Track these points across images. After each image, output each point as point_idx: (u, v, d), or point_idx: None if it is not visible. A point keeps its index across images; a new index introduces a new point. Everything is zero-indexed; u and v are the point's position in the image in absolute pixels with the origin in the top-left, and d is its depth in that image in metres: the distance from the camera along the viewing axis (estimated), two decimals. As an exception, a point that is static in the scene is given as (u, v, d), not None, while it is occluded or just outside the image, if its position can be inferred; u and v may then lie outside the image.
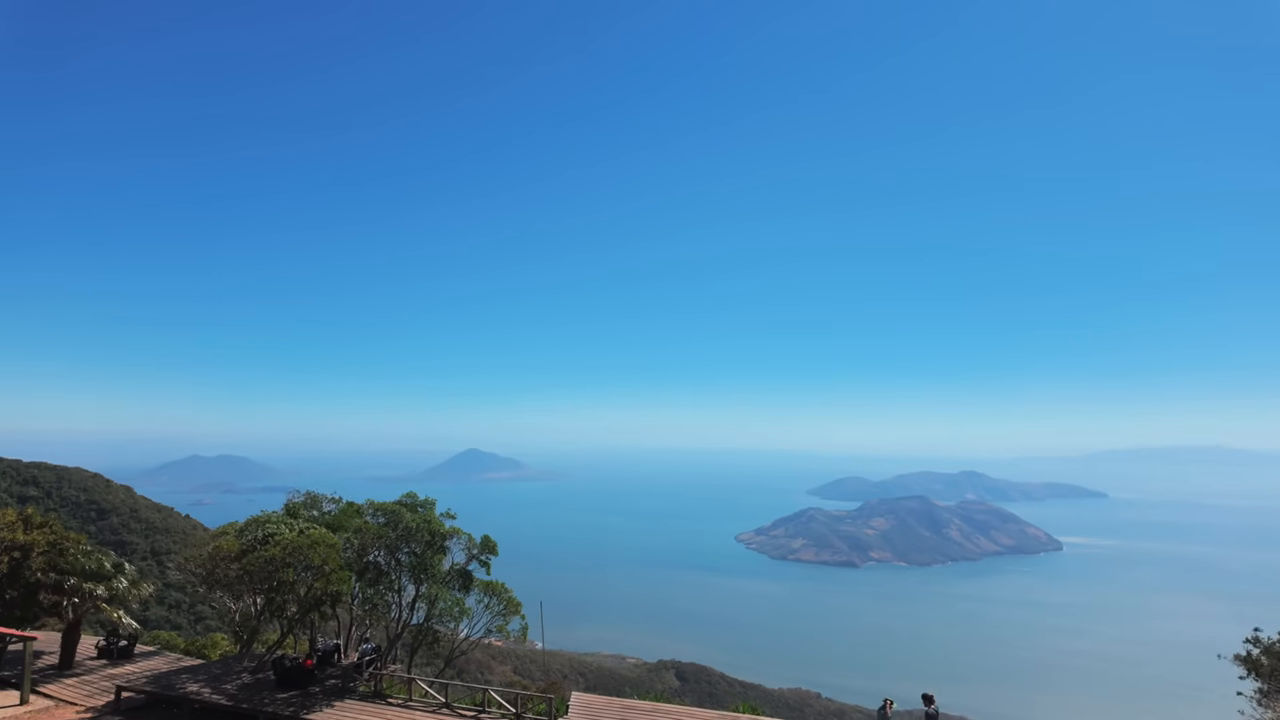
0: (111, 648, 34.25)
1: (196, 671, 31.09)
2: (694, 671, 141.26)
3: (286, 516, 31.39)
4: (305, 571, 28.70)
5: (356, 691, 28.14)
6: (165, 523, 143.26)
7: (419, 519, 32.40)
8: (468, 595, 32.75)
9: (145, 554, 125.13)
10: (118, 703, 28.19)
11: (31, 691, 28.83)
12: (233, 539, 30.34)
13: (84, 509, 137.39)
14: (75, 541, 34.94)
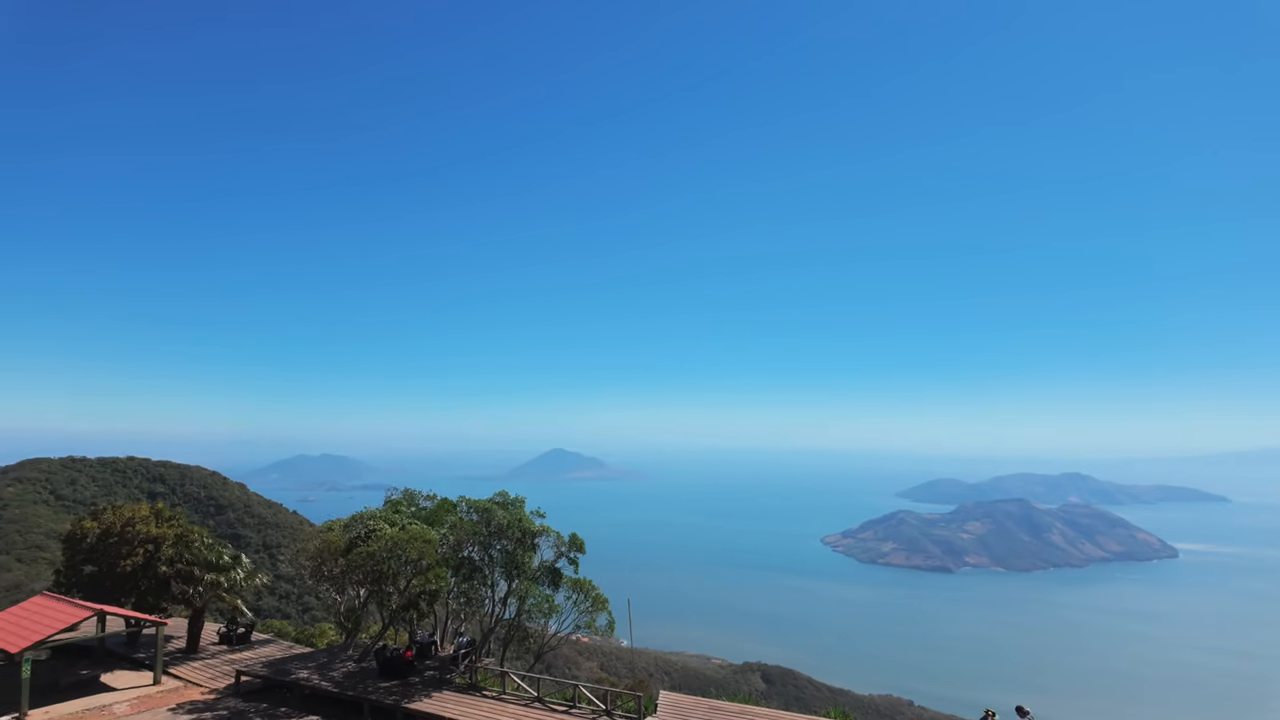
0: (231, 634, 36.80)
1: (306, 659, 33.02)
2: (780, 674, 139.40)
3: (388, 513, 32.91)
4: (405, 566, 30.04)
5: (453, 683, 29.20)
6: (275, 518, 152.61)
7: (510, 516, 33.34)
8: (557, 592, 33.44)
9: (258, 547, 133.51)
10: (237, 686, 30.28)
11: (163, 673, 31.35)
12: (339, 534, 32.06)
13: (204, 504, 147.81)
14: (199, 535, 37.69)
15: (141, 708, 27.44)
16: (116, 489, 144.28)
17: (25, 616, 29.49)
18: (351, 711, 27.22)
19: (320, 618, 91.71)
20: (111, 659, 34.37)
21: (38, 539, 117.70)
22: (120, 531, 36.41)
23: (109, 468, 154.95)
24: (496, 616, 34.01)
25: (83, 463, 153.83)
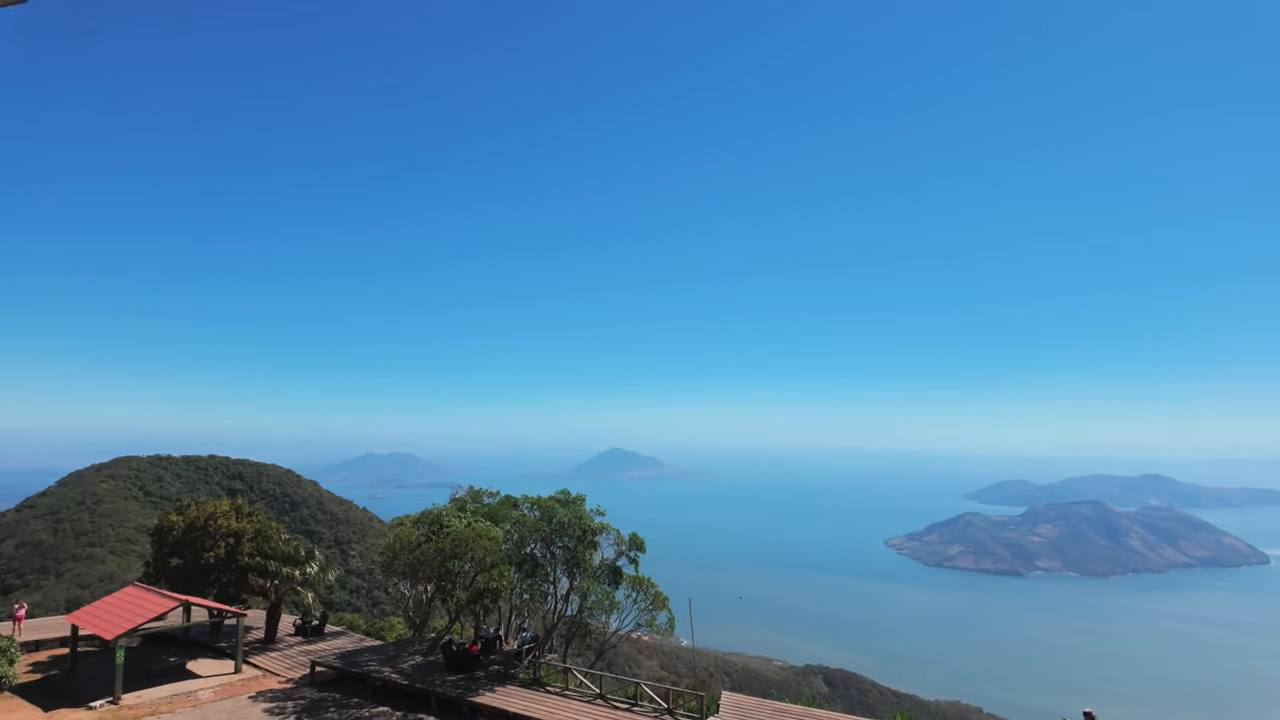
0: (305, 626, 38.21)
1: (376, 651, 34.05)
2: (843, 678, 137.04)
3: (454, 510, 33.68)
4: (470, 562, 30.69)
5: (517, 678, 29.67)
6: (346, 514, 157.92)
7: (571, 514, 33.69)
8: (617, 589, 33.62)
9: (330, 542, 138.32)
10: (312, 676, 31.42)
11: (243, 662, 32.78)
12: (408, 530, 32.97)
13: (279, 501, 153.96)
14: (276, 530, 39.27)
15: (224, 695, 28.75)
16: (199, 485, 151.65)
17: (118, 606, 31.26)
18: (420, 703, 27.93)
19: (389, 611, 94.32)
20: (196, 647, 36.14)
21: (128, 532, 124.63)
22: (203, 526, 38.20)
23: (192, 465, 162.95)
24: (558, 613, 34.41)
25: (168, 460, 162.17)
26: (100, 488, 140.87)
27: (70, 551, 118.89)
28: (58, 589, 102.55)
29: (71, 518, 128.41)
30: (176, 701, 27.75)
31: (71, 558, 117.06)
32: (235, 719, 25.88)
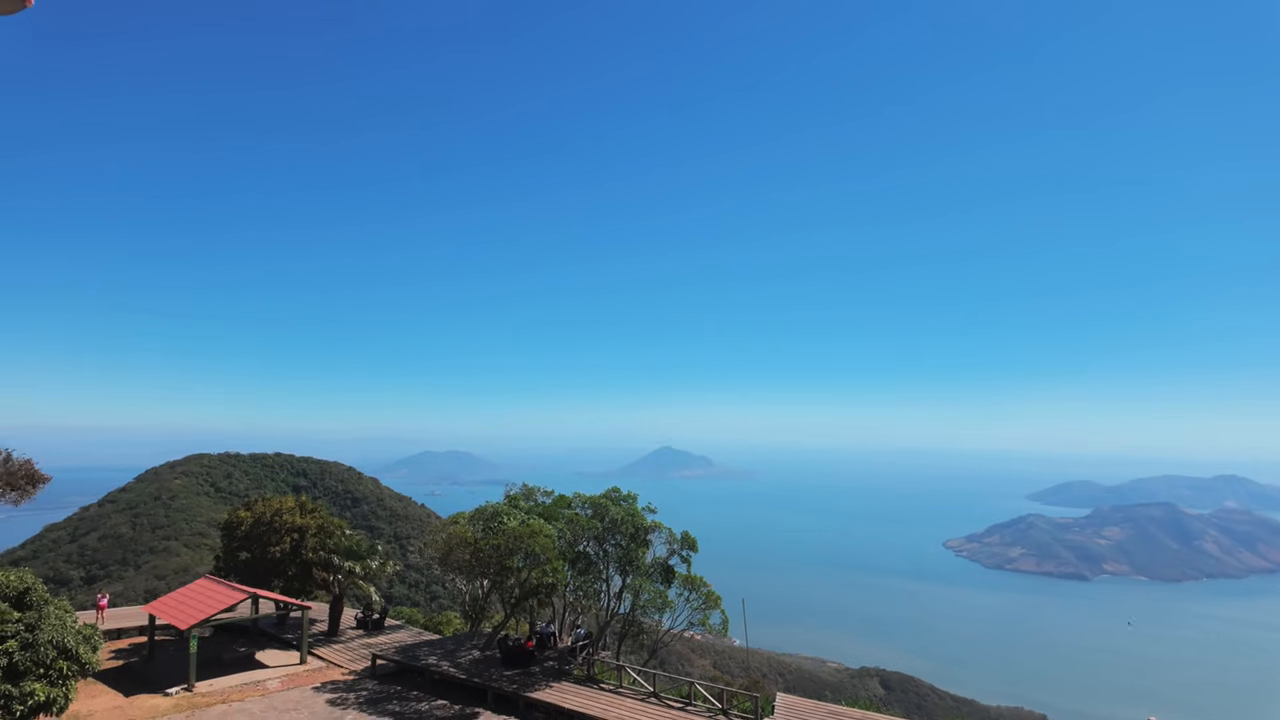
0: (367, 620, 39.27)
1: (434, 645, 34.78)
2: (900, 681, 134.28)
3: (508, 507, 34.17)
4: (525, 558, 31.09)
5: (571, 674, 29.94)
6: (405, 510, 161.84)
7: (623, 512, 33.82)
8: (670, 588, 33.61)
9: (389, 538, 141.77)
10: (373, 668, 32.27)
11: (308, 653, 33.87)
12: (464, 526, 33.58)
13: (341, 497, 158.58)
14: (338, 525, 40.48)
15: (290, 685, 29.75)
16: (266, 482, 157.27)
17: (191, 597, 32.64)
18: (477, 698, 28.41)
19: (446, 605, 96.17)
20: (264, 638, 37.49)
21: (200, 527, 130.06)
22: (270, 521, 39.60)
23: (259, 463, 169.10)
24: (611, 611, 34.57)
25: (237, 458, 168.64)
26: (174, 484, 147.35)
27: (148, 544, 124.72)
28: (137, 580, 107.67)
29: (148, 512, 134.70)
30: (246, 690, 28.83)
31: (149, 550, 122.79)
32: (301, 709, 26.75)
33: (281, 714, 26.14)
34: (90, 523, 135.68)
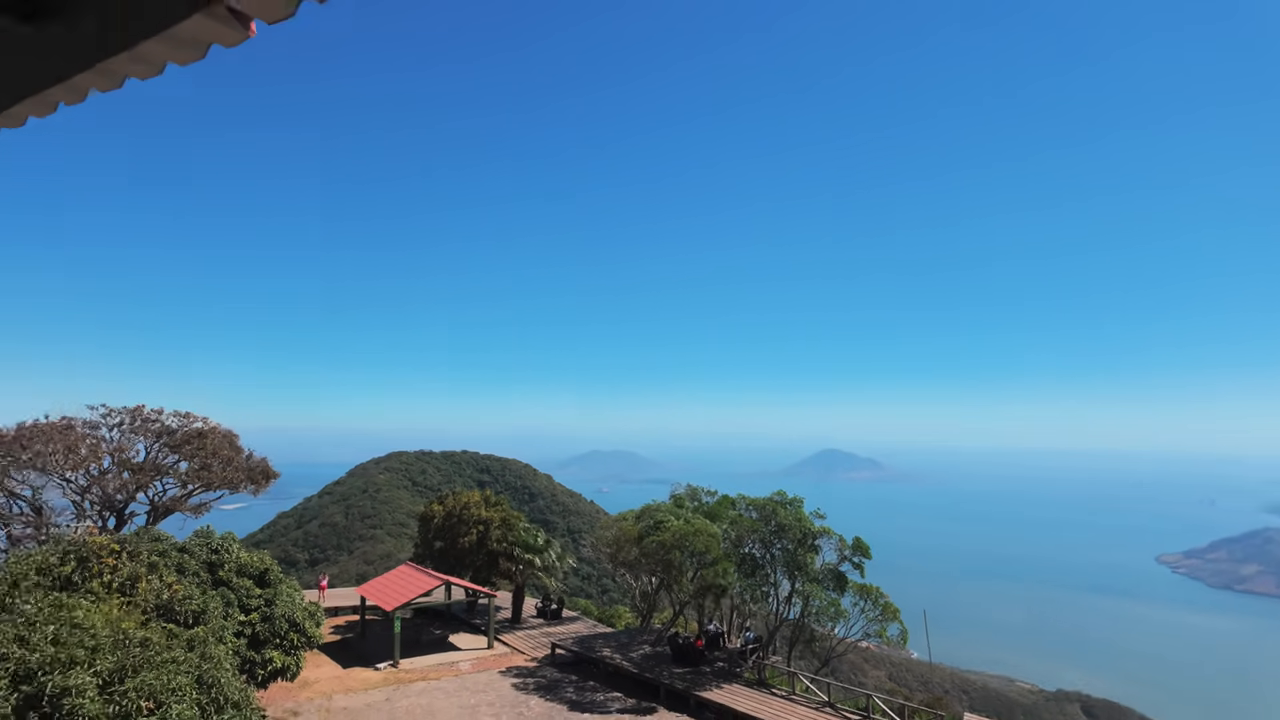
0: (546, 609, 41.44)
1: (608, 638, 36.00)
2: (1105, 708, 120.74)
3: (673, 506, 34.71)
4: (691, 558, 31.41)
5: (741, 677, 29.81)
6: (576, 506, 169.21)
7: (790, 515, 33.18)
8: (842, 596, 32.52)
9: (563, 532, 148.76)
10: (553, 656, 33.98)
11: (494, 638, 36.30)
12: (632, 524, 34.55)
13: (519, 493, 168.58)
14: (519, 519, 43.05)
15: (480, 667, 32.04)
16: (455, 477, 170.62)
17: (395, 582, 36.08)
18: (649, 692, 29.06)
19: (616, 599, 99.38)
20: (455, 622, 40.67)
21: (400, 517, 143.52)
22: (459, 514, 42.88)
23: (449, 459, 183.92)
24: (780, 615, 34.05)
25: (430, 455, 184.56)
26: (378, 478, 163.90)
27: (358, 532, 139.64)
28: (350, 564, 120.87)
29: (358, 504, 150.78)
30: (442, 670, 31.42)
31: (359, 537, 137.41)
32: (489, 690, 28.73)
33: (473, 694, 28.23)
34: (312, 512, 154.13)
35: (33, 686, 12.24)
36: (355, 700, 27.45)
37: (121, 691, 12.67)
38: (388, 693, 28.29)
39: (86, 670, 12.75)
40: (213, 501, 36.40)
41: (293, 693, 27.54)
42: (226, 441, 35.13)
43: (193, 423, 34.70)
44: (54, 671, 12.44)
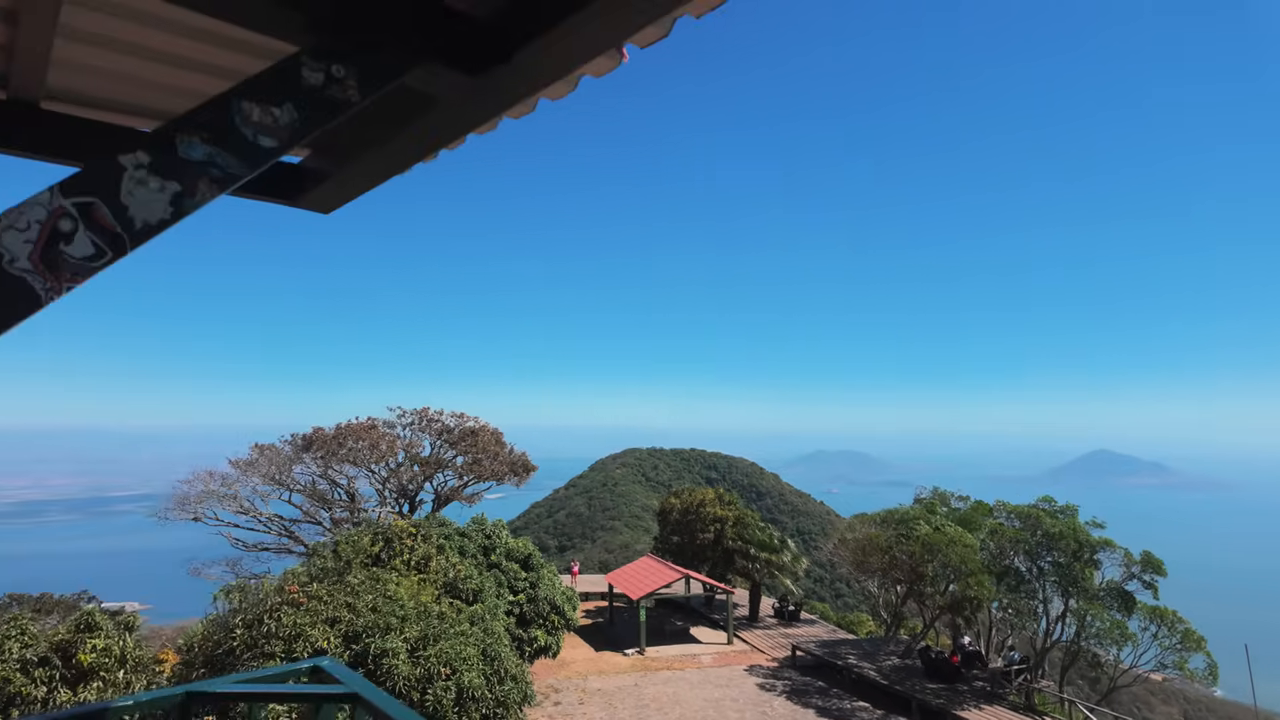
0: (783, 610, 41.04)
1: (851, 645, 34.70)
2: None
3: (921, 511, 32.61)
4: (944, 568, 29.27)
5: (1005, 699, 27.17)
6: (805, 506, 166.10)
7: (1062, 525, 29.59)
8: (1129, 618, 28.34)
9: (792, 532, 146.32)
10: (793, 658, 33.50)
11: (733, 635, 36.68)
12: (876, 528, 33.06)
13: (747, 491, 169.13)
14: (753, 518, 43.15)
15: (720, 662, 32.52)
16: (684, 474, 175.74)
17: (639, 572, 37.85)
18: (899, 706, 27.52)
19: (850, 605, 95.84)
20: (695, 615, 41.70)
21: (636, 510, 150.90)
22: (695, 510, 43.95)
23: (678, 456, 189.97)
24: (1048, 636, 30.52)
25: (661, 452, 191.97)
26: (616, 473, 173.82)
27: (599, 523, 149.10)
28: (593, 552, 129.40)
29: (599, 496, 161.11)
30: (685, 661, 32.37)
31: (600, 528, 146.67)
32: (732, 686, 29.03)
33: (716, 688, 28.72)
34: (560, 503, 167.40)
35: (360, 646, 14.50)
36: (607, 683, 29.20)
37: (425, 657, 14.57)
38: (635, 678, 29.73)
39: (398, 636, 14.82)
40: (483, 492, 40.93)
41: (552, 670, 29.99)
42: (494, 438, 39.38)
43: (466, 422, 39.37)
44: (375, 635, 14.63)
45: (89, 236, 1.71)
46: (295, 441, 36.86)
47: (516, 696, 15.77)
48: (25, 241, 1.64)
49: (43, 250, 1.65)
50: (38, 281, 1.65)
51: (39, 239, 1.64)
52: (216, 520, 35.10)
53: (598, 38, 2.28)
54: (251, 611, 14.41)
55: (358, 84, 2.14)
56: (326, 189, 3.86)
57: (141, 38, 2.92)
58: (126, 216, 1.74)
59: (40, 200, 1.67)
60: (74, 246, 1.69)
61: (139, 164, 1.77)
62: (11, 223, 1.63)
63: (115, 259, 1.74)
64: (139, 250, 1.73)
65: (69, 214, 1.67)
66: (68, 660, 13.80)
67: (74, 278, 1.68)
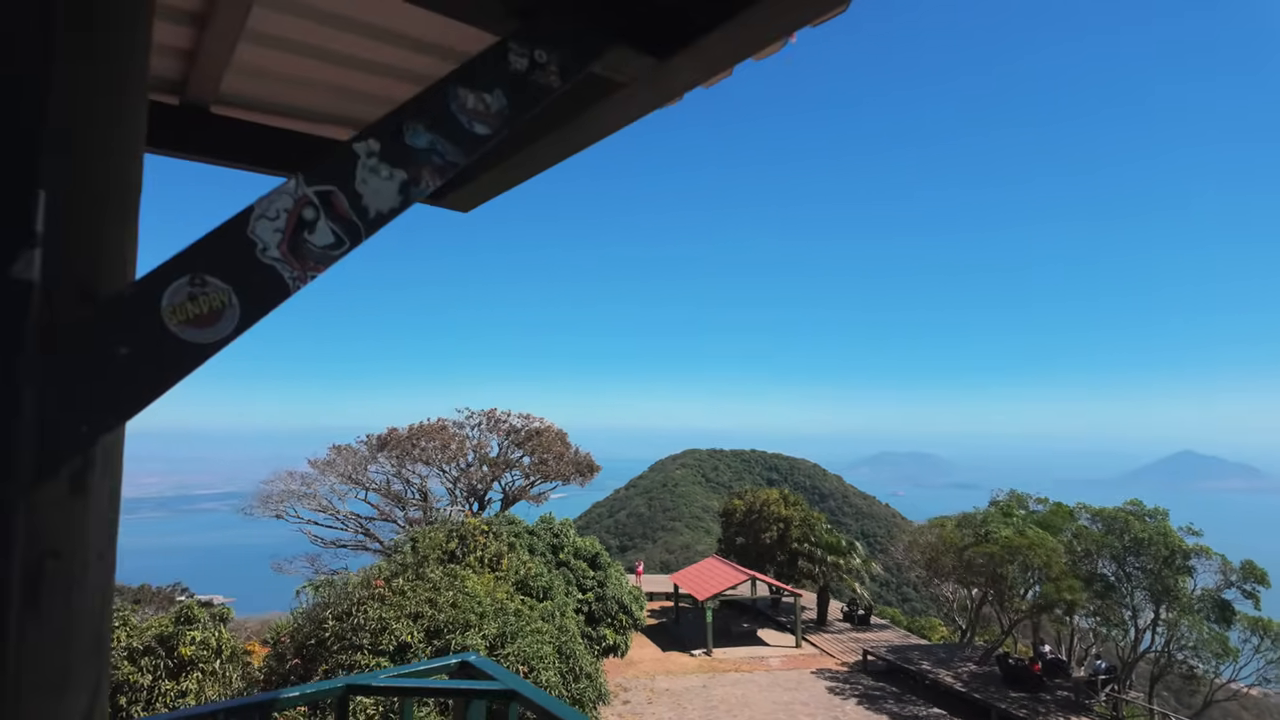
0: (852, 614, 40.24)
1: (925, 651, 33.78)
2: None
3: (999, 514, 31.53)
4: (1025, 572, 28.22)
5: (1092, 711, 26.03)
6: (870, 509, 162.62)
7: (1151, 530, 28.18)
8: (1228, 630, 26.78)
9: (856, 535, 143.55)
10: (864, 664, 32.79)
11: (801, 639, 36.15)
12: (950, 531, 32.11)
13: (809, 493, 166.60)
14: (819, 520, 42.48)
15: (789, 665, 32.09)
16: (744, 475, 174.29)
17: (704, 573, 37.70)
18: (977, 714, 26.63)
19: (919, 610, 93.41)
20: (761, 618, 41.27)
21: (696, 511, 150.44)
22: (759, 510, 43.53)
23: (738, 457, 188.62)
24: (1135, 645, 29.09)
25: (721, 453, 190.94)
26: (675, 474, 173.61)
27: (659, 523, 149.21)
28: (654, 552, 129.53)
29: (659, 497, 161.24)
30: (753, 663, 32.07)
31: (660, 528, 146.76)
32: (802, 690, 28.61)
33: (785, 691, 28.35)
34: (620, 503, 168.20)
35: (441, 641, 14.82)
36: (675, 683, 29.15)
37: (503, 654, 14.79)
38: (704, 679, 29.59)
39: (477, 633, 15.09)
40: (549, 491, 41.44)
41: (620, 669, 30.10)
42: (558, 439, 39.84)
43: (532, 423, 39.95)
44: (455, 631, 14.93)
45: (329, 225, 1.74)
46: (370, 442, 38.09)
47: (592, 695, 15.88)
48: (275, 230, 1.68)
49: (290, 239, 1.69)
50: (286, 270, 1.68)
51: (287, 228, 1.68)
52: (297, 518, 36.53)
53: (780, 20, 2.25)
54: (340, 605, 14.90)
55: (559, 69, 2.15)
56: (469, 188, 3.89)
57: (323, 39, 2.98)
58: (361, 205, 1.77)
59: (287, 190, 1.70)
60: (316, 235, 1.72)
61: (371, 152, 1.80)
62: (263, 212, 1.67)
63: (351, 248, 1.77)
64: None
65: (312, 203, 1.71)
66: (170, 651, 14.53)
67: (316, 266, 1.71)
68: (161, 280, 1.60)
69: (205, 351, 1.62)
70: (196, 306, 1.60)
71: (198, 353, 1.61)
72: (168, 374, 1.58)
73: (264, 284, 1.67)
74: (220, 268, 1.64)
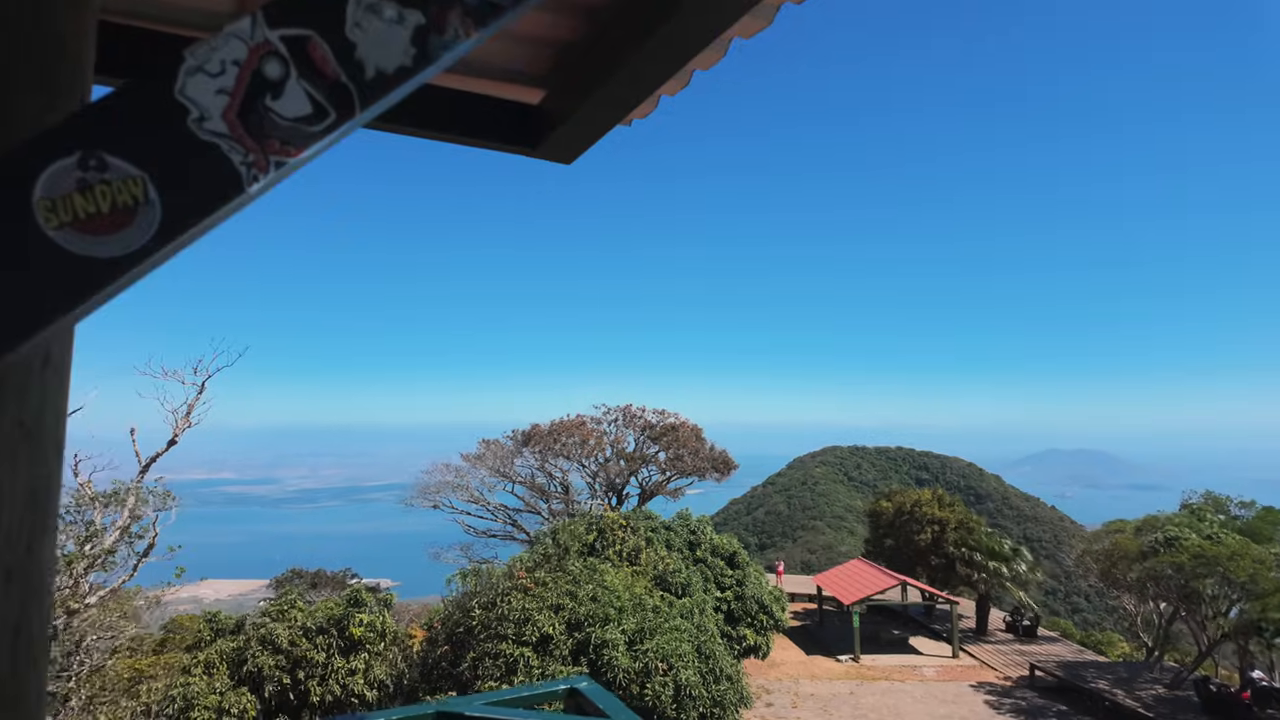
0: (1016, 625, 37.17)
1: (1102, 669, 30.54)
2: None
3: (1190, 519, 27.92)
4: (1225, 586, 24.78)
5: (1316, 750, 22.44)
6: (1033, 512, 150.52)
7: (1393, 542, 23.92)
8: None
9: (1018, 539, 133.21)
10: (1031, 678, 30.12)
11: (958, 648, 33.82)
12: (1129, 537, 28.84)
13: (964, 493, 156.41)
14: (978, 522, 39.63)
15: (945, 676, 30.09)
16: (890, 474, 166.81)
17: (850, 575, 36.19)
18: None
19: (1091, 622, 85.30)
20: (913, 624, 39.03)
21: (838, 510, 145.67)
22: (910, 511, 41.22)
23: (883, 455, 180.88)
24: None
25: (863, 451, 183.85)
26: (815, 471, 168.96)
27: (799, 522, 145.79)
28: (794, 551, 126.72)
29: (798, 495, 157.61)
30: (905, 672, 30.35)
31: (800, 527, 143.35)
32: (960, 703, 26.71)
33: (941, 704, 26.58)
34: (758, 500, 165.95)
35: (581, 635, 14.97)
36: (820, 688, 28.12)
37: (642, 650, 14.72)
38: (851, 686, 28.35)
39: (616, 627, 15.11)
40: (685, 487, 41.39)
41: (762, 670, 29.43)
42: (694, 434, 39.70)
43: (667, 418, 40.06)
44: (595, 624, 15.03)
45: (303, 87, 1.07)
46: (516, 437, 39.81)
47: (733, 698, 15.50)
48: (218, 92, 1.03)
49: (241, 105, 1.04)
50: (235, 151, 1.04)
51: (236, 89, 1.04)
52: (451, 508, 38.86)
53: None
54: (486, 595, 15.43)
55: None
56: (566, 132, 3.30)
57: None
58: (354, 59, 1.07)
59: (237, 32, 1.03)
60: (283, 101, 1.06)
61: (369, -19, 1.08)
62: (200, 63, 1.03)
63: (340, 124, 1.07)
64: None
65: (277, 53, 1.04)
66: (341, 631, 15.71)
67: (284, 148, 1.05)
68: (35, 158, 0.99)
69: (107, 273, 0.99)
70: (89, 202, 1.00)
71: (96, 273, 0.98)
72: (44, 304, 0.96)
73: (201, 171, 1.03)
74: (129, 144, 1.02)
